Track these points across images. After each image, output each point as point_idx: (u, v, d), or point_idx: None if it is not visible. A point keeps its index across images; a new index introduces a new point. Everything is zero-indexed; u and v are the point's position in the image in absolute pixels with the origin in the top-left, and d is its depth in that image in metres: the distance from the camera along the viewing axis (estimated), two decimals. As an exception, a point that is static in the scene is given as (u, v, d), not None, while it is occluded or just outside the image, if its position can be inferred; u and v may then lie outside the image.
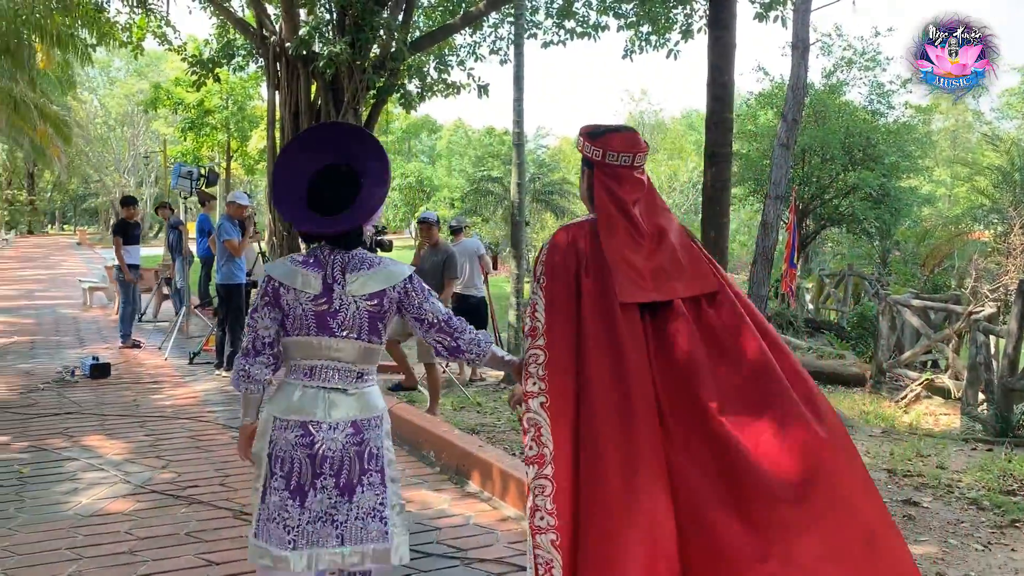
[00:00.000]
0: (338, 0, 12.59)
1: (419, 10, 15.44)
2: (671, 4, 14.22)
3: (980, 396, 8.49)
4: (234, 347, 7.70)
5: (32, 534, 3.95)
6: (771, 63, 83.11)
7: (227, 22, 14.84)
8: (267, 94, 14.57)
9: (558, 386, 2.31)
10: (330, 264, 2.44)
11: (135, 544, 3.84)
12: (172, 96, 26.02)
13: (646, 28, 15.03)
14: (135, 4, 14.50)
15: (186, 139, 31.03)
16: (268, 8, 14.32)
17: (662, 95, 73.87)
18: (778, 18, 13.68)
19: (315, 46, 12.69)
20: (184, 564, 3.63)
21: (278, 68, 13.63)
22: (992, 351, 8.70)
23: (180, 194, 9.63)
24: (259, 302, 2.47)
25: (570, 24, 15.55)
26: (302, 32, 12.26)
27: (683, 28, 14.56)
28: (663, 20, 14.74)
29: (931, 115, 22.01)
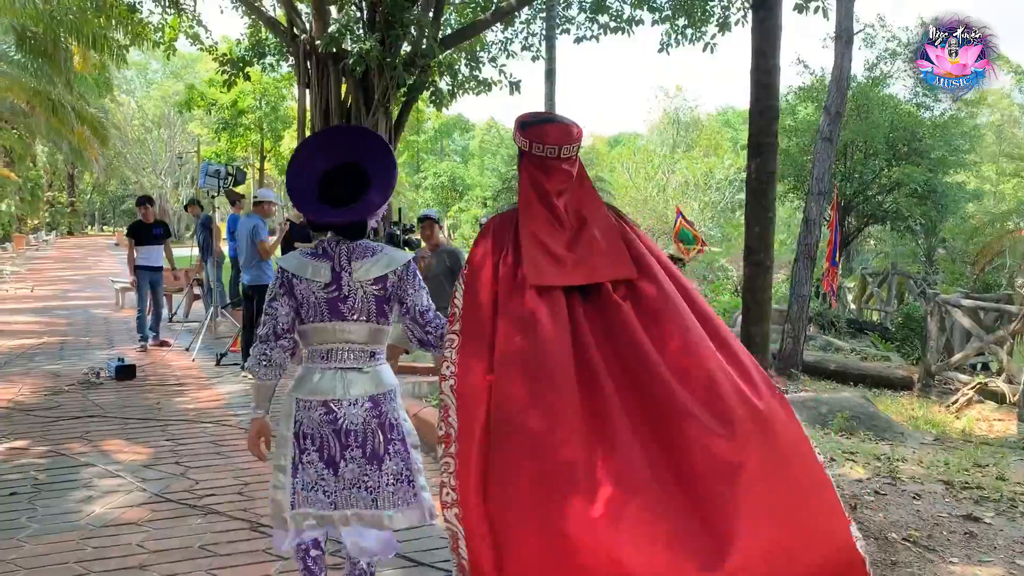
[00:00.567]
0: (368, -4, 12.41)
1: (450, 6, 15.24)
2: (708, -4, 13.88)
3: (1038, 401, 8.05)
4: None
5: (40, 546, 3.79)
6: (811, 56, 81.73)
7: (258, 21, 14.80)
8: (297, 93, 14.47)
9: (467, 367, 2.41)
10: (337, 254, 2.64)
11: (146, 558, 3.66)
12: (206, 97, 26.15)
13: (682, 21, 14.69)
14: (167, 4, 14.52)
15: (220, 140, 31.23)
16: (299, 6, 14.24)
17: (697, 92, 72.83)
18: (819, 9, 13.26)
19: (345, 44, 12.55)
20: (195, 581, 3.45)
21: (308, 67, 13.53)
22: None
23: (208, 193, 9.51)
24: (276, 291, 2.66)
25: (603, 19, 15.26)
26: (332, 29, 12.12)
27: (720, 21, 14.21)
28: (699, 13, 14.40)
29: (978, 108, 21.22)
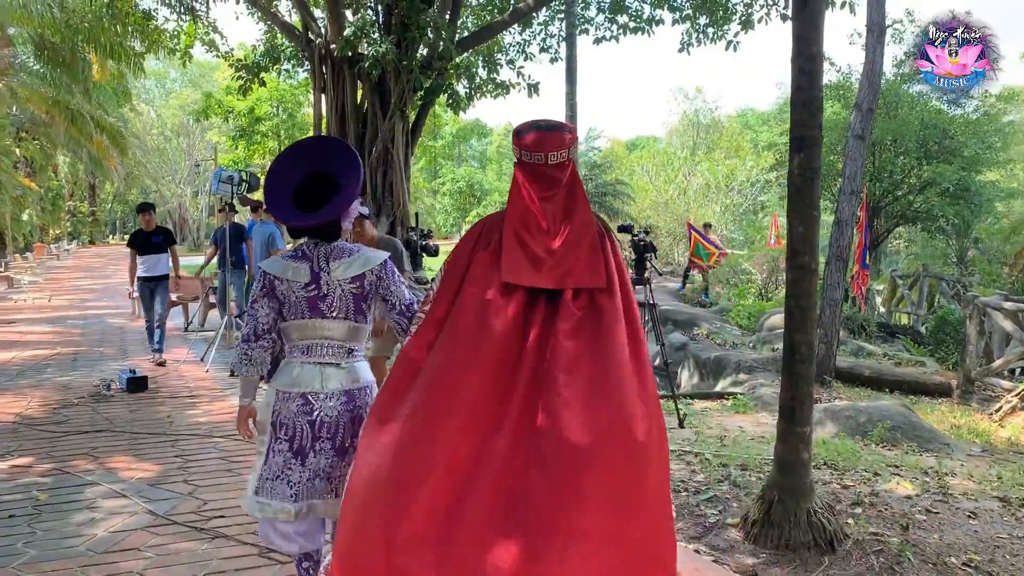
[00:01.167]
0: (383, -1, 12.21)
1: (467, 8, 15.02)
2: (730, -7, 13.58)
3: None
4: (275, 359, 7.30)
5: (37, 574, 3.55)
6: (836, 54, 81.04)
7: (274, 27, 14.65)
8: (313, 99, 14.30)
9: (411, 343, 2.52)
10: (315, 256, 2.82)
11: (146, 588, 3.41)
12: (223, 105, 26.13)
13: (703, 20, 14.39)
14: (182, 11, 14.41)
15: (237, 147, 31.22)
16: (314, 11, 14.07)
17: (716, 93, 72.22)
18: (845, 4, 12.91)
19: (361, 47, 12.35)
20: (197, 615, 3.19)
21: (324, 71, 13.35)
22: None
23: (221, 199, 9.30)
24: (258, 294, 2.84)
25: (622, 19, 14.99)
26: (347, 32, 11.92)
27: (743, 18, 13.90)
28: (721, 12, 14.08)
29: (1012, 105, 20.64)
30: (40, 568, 3.62)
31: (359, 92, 13.32)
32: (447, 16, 12.93)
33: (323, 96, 13.47)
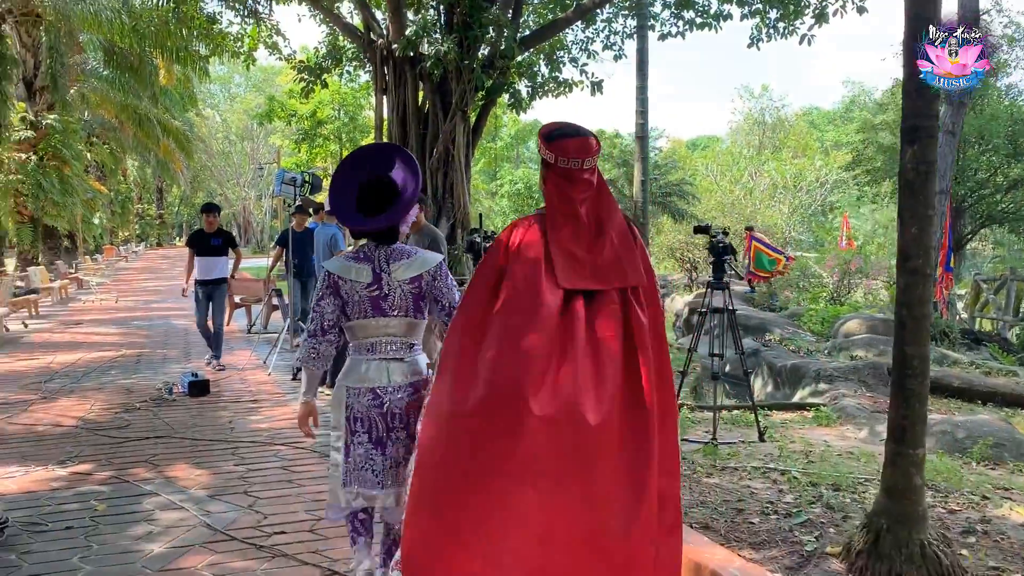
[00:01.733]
0: (445, -2, 12.02)
1: (528, 6, 14.75)
2: (804, -15, 13.00)
3: None
4: (336, 365, 7.11)
5: (91, 594, 3.38)
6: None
7: (336, 29, 14.62)
8: (375, 100, 14.20)
9: (451, 347, 2.56)
10: (376, 257, 2.96)
11: (203, 613, 3.20)
12: (286, 108, 26.38)
13: (774, 14, 13.84)
14: (246, 15, 14.48)
15: (300, 150, 31.54)
16: (376, 13, 13.99)
17: (782, 92, 70.26)
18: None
19: (422, 47, 12.19)
20: (256, 646, 2.96)
21: (385, 72, 13.24)
22: None
23: (284, 201, 9.20)
24: (322, 292, 2.96)
25: (689, 15, 14.54)
26: (409, 32, 11.76)
27: (816, 11, 13.31)
28: (793, 5, 13.51)
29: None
30: (95, 586, 3.45)
31: (420, 93, 13.17)
32: (509, 14, 12.69)
33: (384, 97, 13.37)
